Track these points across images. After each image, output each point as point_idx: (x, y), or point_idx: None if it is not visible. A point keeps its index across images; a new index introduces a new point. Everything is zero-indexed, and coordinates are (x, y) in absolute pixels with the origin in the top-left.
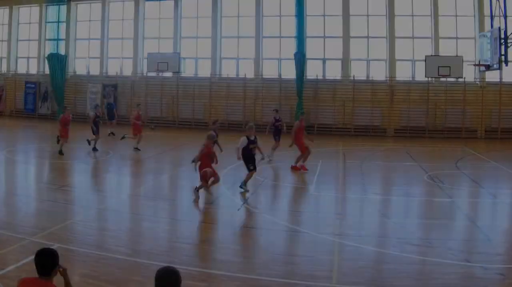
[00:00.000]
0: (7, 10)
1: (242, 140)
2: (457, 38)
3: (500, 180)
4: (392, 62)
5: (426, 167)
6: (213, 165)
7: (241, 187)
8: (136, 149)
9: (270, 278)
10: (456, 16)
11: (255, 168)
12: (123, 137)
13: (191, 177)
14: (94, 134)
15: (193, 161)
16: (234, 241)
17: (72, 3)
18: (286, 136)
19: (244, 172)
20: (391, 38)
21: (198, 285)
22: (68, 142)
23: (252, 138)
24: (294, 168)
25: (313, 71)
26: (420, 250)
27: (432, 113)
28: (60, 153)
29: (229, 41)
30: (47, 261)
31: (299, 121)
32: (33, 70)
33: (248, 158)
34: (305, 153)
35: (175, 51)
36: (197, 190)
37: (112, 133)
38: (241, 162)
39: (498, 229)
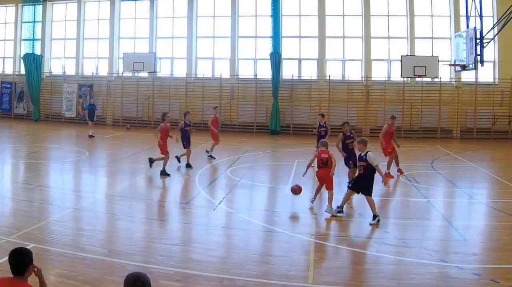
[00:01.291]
0: None
1: (340, 137)
2: (432, 38)
3: (476, 180)
4: (367, 62)
5: (402, 167)
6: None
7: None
8: (211, 156)
9: (246, 278)
10: (432, 16)
11: (355, 165)
12: (180, 156)
13: (167, 177)
14: (184, 148)
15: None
16: (210, 241)
17: (48, 3)
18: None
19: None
20: (367, 38)
21: (173, 285)
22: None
23: (348, 134)
24: (388, 175)
25: (288, 71)
26: (396, 250)
27: (407, 113)
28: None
29: (205, 41)
30: (20, 260)
31: (387, 125)
32: (9, 70)
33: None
34: (392, 156)
35: (150, 51)
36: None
37: (91, 135)
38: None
39: (474, 229)
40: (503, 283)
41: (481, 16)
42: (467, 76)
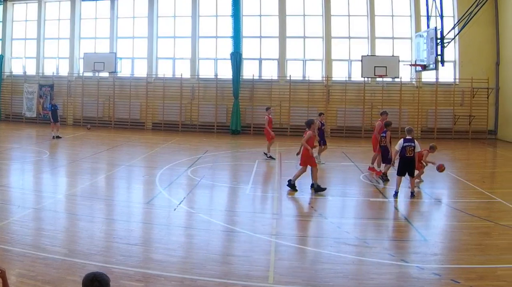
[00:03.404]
0: None
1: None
2: (393, 38)
3: (436, 179)
4: (328, 62)
5: (362, 167)
6: None
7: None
8: (271, 157)
9: (206, 278)
10: (392, 16)
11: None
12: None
13: (127, 177)
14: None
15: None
16: (171, 241)
17: (8, 3)
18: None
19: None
20: (327, 38)
21: (134, 285)
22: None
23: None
24: (373, 170)
25: (249, 71)
26: (357, 250)
27: (368, 114)
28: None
29: (166, 41)
30: None
31: (379, 121)
32: None
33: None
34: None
35: (111, 51)
36: None
37: (58, 136)
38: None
39: (434, 229)
40: (464, 283)
41: (441, 16)
42: (428, 76)
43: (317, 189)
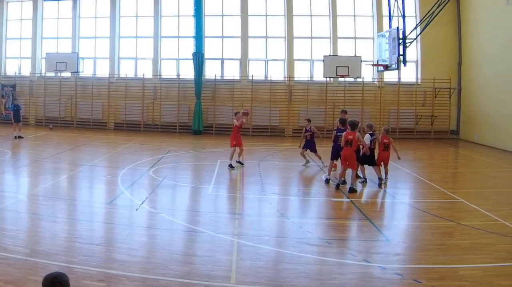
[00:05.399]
0: None
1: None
2: (355, 38)
3: (398, 180)
4: (290, 62)
5: (324, 167)
6: None
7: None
8: (240, 162)
9: (169, 278)
10: (355, 16)
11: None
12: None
13: (90, 177)
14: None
15: None
16: (133, 241)
17: None
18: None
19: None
20: (289, 38)
21: (96, 285)
22: None
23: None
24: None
25: (211, 71)
26: (319, 250)
27: (330, 113)
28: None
29: (128, 41)
30: None
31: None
32: None
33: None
34: None
35: (73, 51)
36: None
37: (20, 136)
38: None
39: (396, 229)
40: (426, 283)
41: (403, 16)
42: (390, 76)
43: (351, 189)
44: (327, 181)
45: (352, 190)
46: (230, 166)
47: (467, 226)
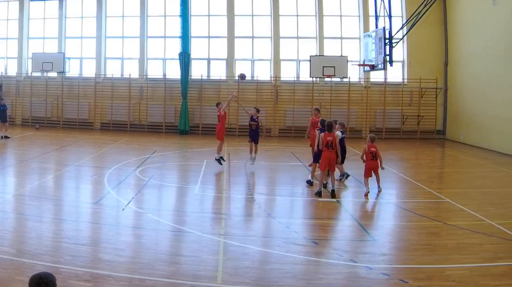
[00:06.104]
0: None
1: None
2: (342, 38)
3: (385, 180)
4: (276, 62)
5: (310, 167)
6: None
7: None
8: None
9: (155, 278)
10: (341, 16)
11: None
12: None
13: (76, 177)
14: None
15: None
16: (119, 241)
17: None
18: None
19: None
20: (276, 38)
21: (83, 285)
22: None
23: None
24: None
25: (198, 71)
26: (306, 250)
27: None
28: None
29: (114, 41)
30: None
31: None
32: None
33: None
34: None
35: (59, 51)
36: None
37: (6, 136)
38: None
39: (383, 229)
40: (412, 283)
41: (390, 16)
42: (376, 76)
43: (333, 193)
44: (309, 182)
45: (334, 193)
46: (220, 159)
47: (454, 226)
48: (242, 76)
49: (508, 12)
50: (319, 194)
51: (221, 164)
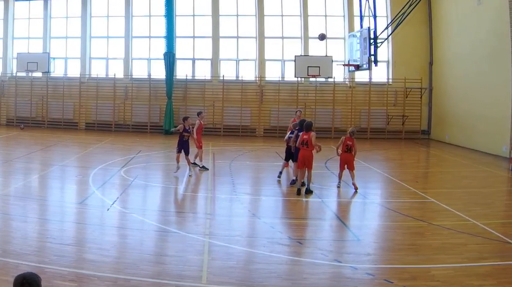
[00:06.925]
0: None
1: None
2: (326, 38)
3: (369, 180)
4: (261, 62)
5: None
6: None
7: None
8: (204, 167)
9: (140, 278)
10: (326, 16)
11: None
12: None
13: (61, 177)
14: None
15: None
16: (104, 241)
17: None
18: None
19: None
20: (261, 38)
21: (67, 285)
22: None
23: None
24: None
25: (182, 71)
26: (290, 250)
27: (301, 113)
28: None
29: (99, 41)
30: None
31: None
32: None
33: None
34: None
35: (44, 51)
36: None
37: None
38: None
39: (368, 229)
40: (397, 283)
41: (374, 16)
42: (361, 76)
43: (307, 191)
44: (293, 182)
45: (308, 191)
46: (203, 167)
47: (438, 226)
48: (322, 37)
49: (493, 12)
50: (298, 191)
51: (206, 169)
